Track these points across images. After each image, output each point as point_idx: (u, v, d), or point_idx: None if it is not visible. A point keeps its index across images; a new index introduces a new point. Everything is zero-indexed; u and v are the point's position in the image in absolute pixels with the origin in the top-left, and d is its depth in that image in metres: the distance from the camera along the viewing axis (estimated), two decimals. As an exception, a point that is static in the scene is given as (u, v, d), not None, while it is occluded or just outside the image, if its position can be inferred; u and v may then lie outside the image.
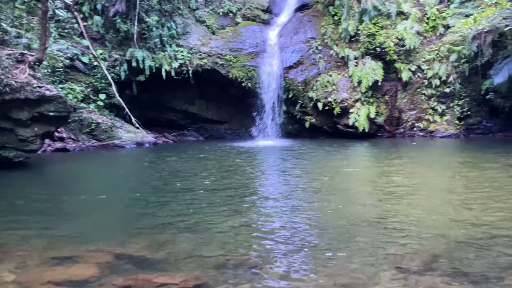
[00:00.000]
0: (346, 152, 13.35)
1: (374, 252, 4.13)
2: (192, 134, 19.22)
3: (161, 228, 5.13)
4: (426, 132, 17.70)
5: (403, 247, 4.30)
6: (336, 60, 17.75)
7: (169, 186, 7.80)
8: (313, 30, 18.28)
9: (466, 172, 8.89)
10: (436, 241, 4.46)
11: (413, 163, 10.63)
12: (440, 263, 3.83)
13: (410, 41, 17.17)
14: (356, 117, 16.64)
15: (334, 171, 9.75)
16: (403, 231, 4.84)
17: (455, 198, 6.53)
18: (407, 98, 17.93)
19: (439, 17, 17.88)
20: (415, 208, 5.96)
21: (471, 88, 17.28)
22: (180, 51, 16.89)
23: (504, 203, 6.04)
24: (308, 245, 4.41)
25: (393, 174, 8.88)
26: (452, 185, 7.83)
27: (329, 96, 17.00)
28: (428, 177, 8.68)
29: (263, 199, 6.77)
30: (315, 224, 5.27)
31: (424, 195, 6.92)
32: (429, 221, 5.24)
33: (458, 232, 4.72)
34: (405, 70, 17.52)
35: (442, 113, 17.67)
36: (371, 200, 6.52)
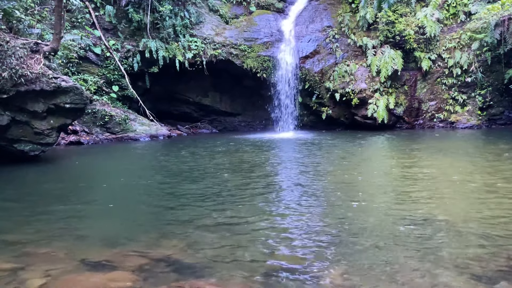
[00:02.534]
0: (373, 146, 12.91)
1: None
2: (206, 127, 18.87)
3: (191, 227, 4.78)
4: (446, 123, 17.20)
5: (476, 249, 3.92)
6: (354, 49, 17.24)
7: (194, 184, 7.46)
8: (329, 18, 17.77)
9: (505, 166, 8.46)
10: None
11: (450, 157, 10.19)
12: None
13: (431, 29, 16.62)
14: (374, 108, 16.17)
15: (372, 168, 9.35)
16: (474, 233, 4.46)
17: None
18: (426, 88, 17.41)
19: (460, 4, 17.27)
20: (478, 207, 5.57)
21: (494, 77, 16.72)
22: (193, 41, 16.47)
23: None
24: (362, 247, 4.04)
25: (433, 169, 8.47)
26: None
27: (346, 87, 16.53)
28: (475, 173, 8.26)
29: (300, 198, 6.40)
30: (362, 225, 4.90)
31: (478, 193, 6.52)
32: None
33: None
34: (425, 59, 16.98)
35: (463, 104, 17.14)
36: (432, 200, 6.13)
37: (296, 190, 6.65)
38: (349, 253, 3.86)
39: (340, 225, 4.72)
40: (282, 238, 4.32)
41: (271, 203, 5.80)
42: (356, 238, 4.26)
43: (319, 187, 6.87)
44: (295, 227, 4.72)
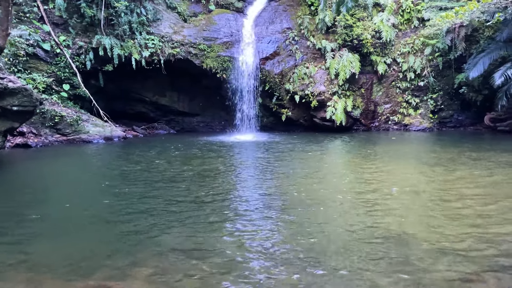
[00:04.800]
0: (333, 149, 13.03)
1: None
2: (163, 127, 18.31)
3: (158, 248, 4.49)
4: (400, 126, 17.79)
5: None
6: (313, 51, 17.36)
7: (156, 192, 7.10)
8: (289, 20, 17.77)
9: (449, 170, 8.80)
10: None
11: (407, 162, 10.45)
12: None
13: (387, 34, 17.07)
14: (333, 110, 16.38)
15: (332, 172, 9.36)
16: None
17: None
18: (382, 92, 17.90)
19: (414, 10, 17.87)
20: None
21: (444, 81, 17.48)
22: (150, 39, 15.86)
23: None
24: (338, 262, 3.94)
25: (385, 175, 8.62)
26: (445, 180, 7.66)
27: (306, 89, 16.62)
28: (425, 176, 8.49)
29: (269, 209, 6.23)
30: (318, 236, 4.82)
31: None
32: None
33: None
34: (381, 63, 17.44)
35: (416, 107, 17.79)
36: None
37: (257, 199, 6.49)
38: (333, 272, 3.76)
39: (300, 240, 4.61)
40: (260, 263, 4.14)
41: (232, 219, 5.60)
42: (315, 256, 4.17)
43: (278, 194, 6.76)
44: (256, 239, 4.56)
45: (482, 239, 4.53)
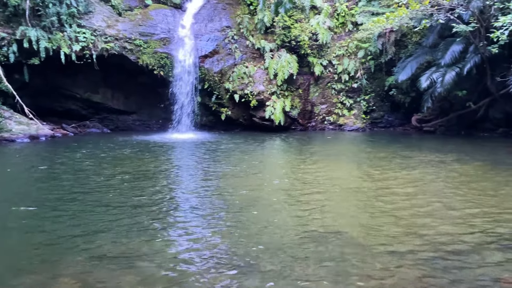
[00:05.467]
0: (272, 148, 13.12)
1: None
2: (96, 126, 17.42)
3: (84, 257, 4.20)
4: (335, 126, 18.39)
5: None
6: (252, 51, 17.42)
7: (83, 196, 6.68)
8: (228, 18, 17.67)
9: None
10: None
11: (342, 161, 10.77)
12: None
13: (323, 36, 17.55)
14: (272, 110, 16.54)
15: (270, 173, 9.40)
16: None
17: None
18: (318, 92, 18.39)
19: (348, 14, 18.55)
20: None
21: (376, 84, 18.32)
22: (82, 33, 15.00)
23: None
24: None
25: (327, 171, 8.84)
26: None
27: (245, 88, 16.63)
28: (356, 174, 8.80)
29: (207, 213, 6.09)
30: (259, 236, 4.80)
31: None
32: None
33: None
34: (317, 65, 17.90)
35: (350, 107, 18.49)
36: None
37: (193, 201, 6.35)
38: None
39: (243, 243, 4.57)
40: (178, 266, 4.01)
41: (167, 222, 5.42)
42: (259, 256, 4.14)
43: (216, 196, 6.66)
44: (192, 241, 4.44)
45: (413, 235, 4.73)
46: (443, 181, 7.66)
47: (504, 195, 6.54)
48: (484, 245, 4.35)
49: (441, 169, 8.81)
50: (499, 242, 4.42)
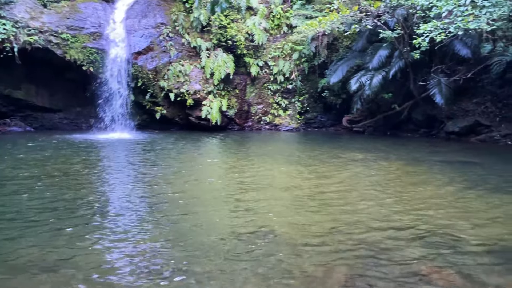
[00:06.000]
0: (208, 148, 13.00)
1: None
2: (17, 124, 16.19)
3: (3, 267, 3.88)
4: (271, 126, 18.68)
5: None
6: (188, 49, 17.16)
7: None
8: (163, 15, 17.24)
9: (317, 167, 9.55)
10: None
11: (279, 160, 10.94)
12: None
13: (259, 37, 17.74)
14: (208, 109, 16.43)
15: (207, 173, 9.29)
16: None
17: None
18: (255, 92, 18.57)
19: (283, 16, 18.93)
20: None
21: (310, 85, 18.87)
22: (1, 24, 13.85)
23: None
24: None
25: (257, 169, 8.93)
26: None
27: (181, 87, 16.35)
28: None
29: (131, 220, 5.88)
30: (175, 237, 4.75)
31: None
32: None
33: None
34: (253, 65, 18.06)
35: (285, 108, 18.88)
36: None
37: (124, 204, 6.13)
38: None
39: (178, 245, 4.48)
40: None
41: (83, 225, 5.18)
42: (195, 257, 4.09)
43: (148, 198, 6.49)
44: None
45: (342, 233, 4.91)
46: (371, 179, 8.06)
47: (426, 192, 7.01)
48: (408, 241, 4.62)
49: (369, 168, 9.27)
50: (424, 239, 4.72)
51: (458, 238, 4.68)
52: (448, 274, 3.73)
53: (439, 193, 6.89)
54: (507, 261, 4.02)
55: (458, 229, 4.99)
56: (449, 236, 4.74)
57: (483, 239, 4.65)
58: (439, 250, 4.32)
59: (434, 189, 7.14)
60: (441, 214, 5.63)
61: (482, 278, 3.64)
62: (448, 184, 7.52)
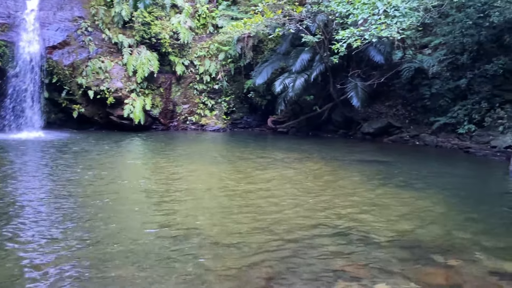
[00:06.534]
0: (131, 148, 12.51)
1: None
2: None
3: None
4: (197, 126, 18.52)
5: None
6: (109, 45, 16.40)
7: None
8: (81, 8, 16.28)
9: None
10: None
11: (205, 161, 10.85)
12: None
13: (184, 36, 17.50)
14: (131, 108, 15.85)
15: (129, 174, 8.93)
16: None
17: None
18: (180, 92, 18.28)
19: (209, 16, 18.87)
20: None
21: (236, 86, 19.01)
22: None
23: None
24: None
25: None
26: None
27: (101, 84, 15.59)
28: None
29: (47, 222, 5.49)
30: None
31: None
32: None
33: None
34: (179, 64, 17.77)
35: (212, 108, 18.82)
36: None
37: (36, 210, 5.73)
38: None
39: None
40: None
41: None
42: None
43: (65, 202, 6.12)
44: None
45: (265, 231, 5.01)
46: (294, 179, 8.33)
47: (344, 189, 7.41)
48: (327, 238, 4.84)
49: (292, 167, 9.58)
50: (341, 235, 4.98)
51: (372, 233, 5.01)
52: (362, 267, 3.97)
53: (356, 190, 7.32)
54: (414, 253, 4.38)
55: (372, 224, 5.34)
56: (364, 231, 5.06)
57: (394, 233, 5.03)
58: (355, 245, 4.59)
59: (351, 187, 7.57)
60: (358, 211, 5.98)
61: (391, 268, 3.94)
62: (364, 182, 8.02)
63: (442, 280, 3.70)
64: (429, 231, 5.12)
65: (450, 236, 4.91)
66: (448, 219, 5.71)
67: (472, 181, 8.69)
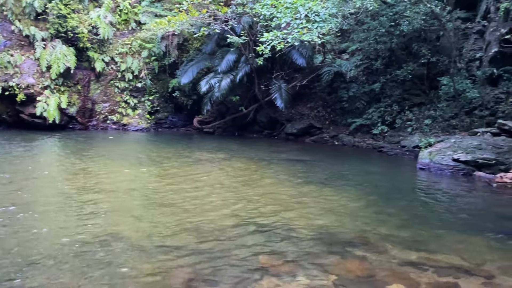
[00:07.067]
0: (42, 150, 11.62)
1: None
2: None
3: None
4: (119, 125, 17.78)
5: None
6: (20, 38, 15.15)
7: None
8: (-14, -4, 14.85)
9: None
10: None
11: (126, 162, 10.39)
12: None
13: (104, 31, 16.73)
14: (44, 106, 14.78)
15: (42, 179, 8.28)
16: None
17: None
18: (100, 90, 17.43)
19: (131, 12, 18.22)
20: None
21: (160, 85, 18.57)
22: None
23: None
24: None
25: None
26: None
27: (10, 80, 14.36)
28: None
29: None
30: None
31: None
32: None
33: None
34: (98, 60, 16.94)
35: (134, 107, 18.18)
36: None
37: None
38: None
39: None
40: None
41: None
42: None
43: None
44: None
45: (189, 231, 4.94)
46: (219, 179, 8.33)
47: (268, 188, 7.56)
48: (249, 236, 4.90)
49: (217, 167, 9.57)
50: (264, 232, 5.06)
51: (293, 229, 5.16)
52: (283, 263, 4.08)
53: (280, 189, 7.51)
54: (333, 247, 4.60)
55: (294, 221, 5.51)
56: (286, 228, 5.20)
57: (314, 228, 5.23)
58: (277, 242, 4.71)
59: (276, 186, 7.75)
60: (281, 208, 6.14)
61: (311, 262, 4.09)
62: (288, 181, 8.25)
63: (358, 271, 3.93)
64: (346, 225, 5.40)
65: (365, 230, 5.23)
66: (365, 214, 6.07)
67: (385, 178, 9.34)
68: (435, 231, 5.30)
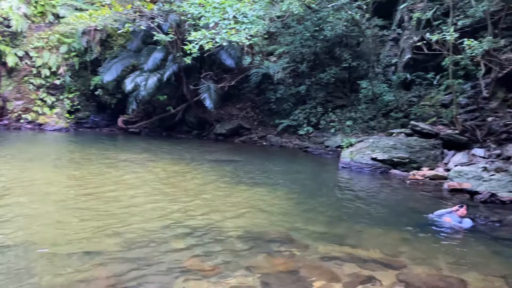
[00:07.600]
0: None
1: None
2: None
3: None
4: (35, 125, 16.51)
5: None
6: None
7: None
8: None
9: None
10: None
11: (41, 165, 9.63)
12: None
13: (17, 23, 15.47)
14: None
15: None
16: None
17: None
18: (13, 86, 16.09)
19: (49, 4, 17.03)
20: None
21: (81, 82, 17.55)
22: None
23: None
24: None
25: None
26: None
27: None
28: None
29: None
30: None
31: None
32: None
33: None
34: (10, 55, 15.63)
35: (52, 106, 16.99)
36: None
37: None
38: None
39: None
40: None
41: None
42: None
43: None
44: None
45: (111, 235, 4.70)
46: (144, 180, 8.05)
47: (196, 188, 7.46)
48: (174, 237, 4.79)
49: (143, 168, 9.25)
50: (189, 233, 4.97)
51: (220, 230, 5.14)
52: (210, 264, 4.04)
53: (208, 190, 7.44)
54: (258, 245, 4.65)
55: (221, 222, 5.48)
56: (213, 229, 5.16)
57: (240, 228, 5.25)
58: (204, 243, 4.65)
59: (204, 187, 7.68)
60: (209, 210, 6.08)
61: (236, 262, 4.10)
62: (217, 181, 8.20)
63: (282, 267, 4.01)
64: (272, 224, 5.50)
65: (292, 228, 5.36)
66: (290, 212, 6.23)
67: (310, 176, 9.68)
68: (356, 226, 5.59)
